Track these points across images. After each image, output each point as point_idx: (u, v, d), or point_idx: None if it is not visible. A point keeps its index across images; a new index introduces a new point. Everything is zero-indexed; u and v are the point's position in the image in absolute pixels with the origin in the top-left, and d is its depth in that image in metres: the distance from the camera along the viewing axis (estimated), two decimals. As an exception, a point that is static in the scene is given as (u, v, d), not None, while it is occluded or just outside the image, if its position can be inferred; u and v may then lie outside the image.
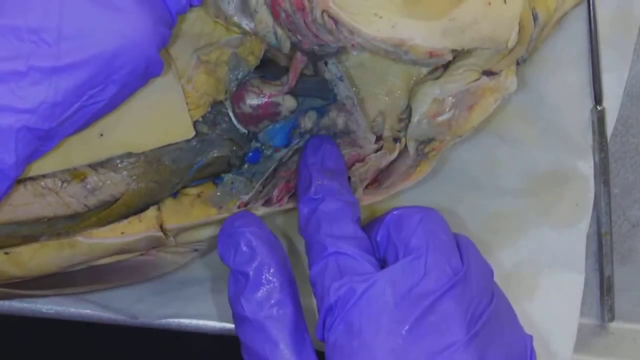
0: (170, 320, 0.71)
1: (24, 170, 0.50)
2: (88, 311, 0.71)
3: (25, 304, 0.71)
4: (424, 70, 0.61)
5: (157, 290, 0.71)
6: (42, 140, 0.49)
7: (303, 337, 0.54)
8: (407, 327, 0.50)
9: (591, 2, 0.65)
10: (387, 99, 0.61)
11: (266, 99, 0.59)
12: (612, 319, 0.71)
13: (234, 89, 0.59)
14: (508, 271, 0.69)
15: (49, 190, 0.58)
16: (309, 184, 0.57)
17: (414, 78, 0.61)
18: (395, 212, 0.55)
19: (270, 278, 0.54)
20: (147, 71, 0.50)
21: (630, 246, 0.71)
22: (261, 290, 0.54)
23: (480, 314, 0.52)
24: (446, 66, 0.59)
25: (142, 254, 0.63)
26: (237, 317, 0.55)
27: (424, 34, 0.54)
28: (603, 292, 0.71)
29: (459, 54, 0.57)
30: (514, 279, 0.69)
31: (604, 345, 0.72)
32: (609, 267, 0.70)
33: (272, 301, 0.54)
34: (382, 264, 0.55)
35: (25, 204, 0.58)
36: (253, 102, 0.59)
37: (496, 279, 0.69)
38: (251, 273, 0.54)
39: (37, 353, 0.82)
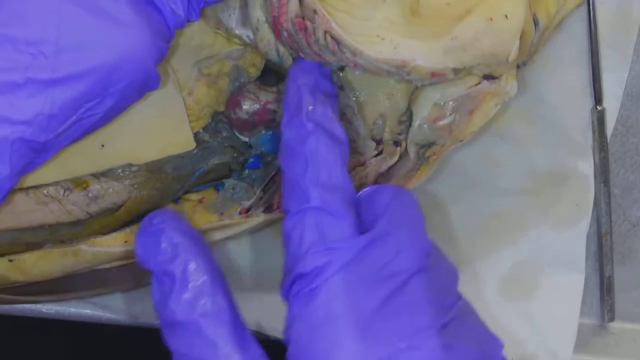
0: (171, 320, 0.71)
1: (18, 181, 0.49)
2: (88, 311, 0.71)
3: (25, 304, 0.71)
4: (424, 73, 0.61)
5: (158, 290, 0.71)
6: (38, 152, 0.49)
7: (243, 331, 0.50)
8: (376, 304, 0.48)
9: (591, 3, 0.64)
10: (387, 101, 0.61)
11: (262, 106, 0.59)
12: (612, 319, 0.71)
13: (233, 97, 0.60)
14: (508, 271, 0.69)
15: (52, 198, 0.58)
16: (299, 108, 0.53)
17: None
18: (367, 189, 0.53)
19: (199, 274, 0.49)
20: (144, 85, 0.50)
21: (630, 246, 0.71)
22: (190, 288, 0.49)
23: (450, 305, 0.50)
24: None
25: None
26: (167, 324, 0.50)
27: (425, 55, 0.54)
28: (603, 292, 0.71)
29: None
30: (514, 278, 0.69)
31: (604, 345, 0.72)
32: (609, 267, 0.70)
33: (205, 298, 0.49)
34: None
35: (28, 211, 0.58)
36: (249, 108, 0.59)
37: (496, 279, 0.70)
38: (177, 271, 0.49)
39: (37, 353, 0.82)
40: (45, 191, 0.58)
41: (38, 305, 0.71)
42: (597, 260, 0.70)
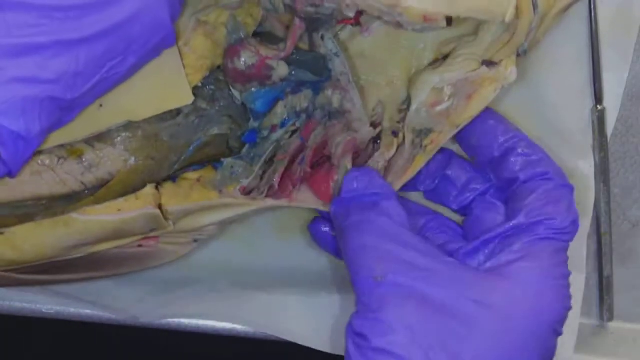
0: (170, 320, 0.71)
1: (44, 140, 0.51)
2: (88, 311, 0.71)
3: (25, 304, 0.71)
4: (425, 61, 0.61)
5: (157, 290, 0.71)
6: (65, 111, 0.51)
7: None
8: None
9: (592, 2, 0.65)
10: (387, 89, 0.61)
11: (261, 60, 0.59)
12: (611, 319, 0.71)
13: (232, 48, 0.60)
14: (508, 271, 0.69)
15: (46, 167, 0.58)
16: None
17: (414, 69, 0.61)
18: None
19: None
20: (163, 41, 0.52)
21: (630, 246, 0.71)
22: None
23: None
24: (446, 55, 0.59)
25: (140, 245, 0.63)
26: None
27: None
28: (603, 292, 0.70)
29: (458, 43, 0.57)
30: (514, 278, 0.69)
31: (604, 345, 0.71)
32: (609, 267, 0.70)
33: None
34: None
35: (21, 182, 0.58)
36: (248, 60, 0.59)
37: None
38: None
39: (37, 353, 0.82)
40: (39, 160, 0.58)
41: (38, 305, 0.71)
42: (597, 260, 0.70)
